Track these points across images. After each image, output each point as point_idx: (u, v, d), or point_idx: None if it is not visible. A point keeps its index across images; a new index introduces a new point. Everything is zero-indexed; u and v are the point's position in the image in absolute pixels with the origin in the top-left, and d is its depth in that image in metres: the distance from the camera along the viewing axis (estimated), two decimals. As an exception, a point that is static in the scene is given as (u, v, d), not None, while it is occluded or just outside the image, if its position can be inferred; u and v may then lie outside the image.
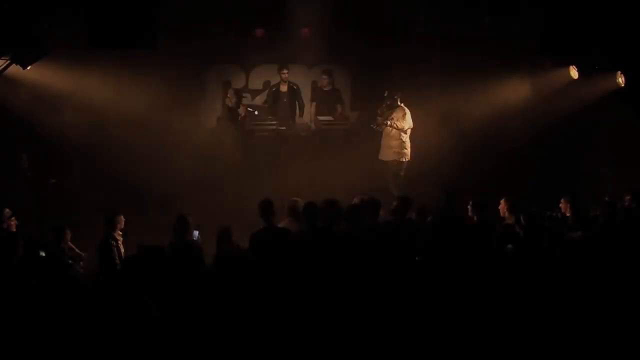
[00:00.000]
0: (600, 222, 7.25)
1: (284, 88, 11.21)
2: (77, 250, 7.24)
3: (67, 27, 9.21)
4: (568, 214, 7.61)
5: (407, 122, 10.24)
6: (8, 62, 9.16)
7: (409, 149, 10.30)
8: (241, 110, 10.79)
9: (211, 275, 5.96)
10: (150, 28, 8.32)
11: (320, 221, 6.55)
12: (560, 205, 7.78)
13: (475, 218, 7.32)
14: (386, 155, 10.38)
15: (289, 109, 11.28)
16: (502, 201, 7.56)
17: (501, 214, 7.55)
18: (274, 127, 11.22)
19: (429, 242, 6.55)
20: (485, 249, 6.50)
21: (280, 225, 6.94)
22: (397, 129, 10.20)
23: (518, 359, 5.25)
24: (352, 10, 10.86)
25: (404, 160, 10.31)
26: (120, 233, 7.24)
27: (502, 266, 6.24)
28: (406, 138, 10.28)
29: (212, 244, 6.71)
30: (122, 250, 7.16)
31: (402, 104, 10.33)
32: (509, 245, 6.64)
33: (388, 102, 10.39)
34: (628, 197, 7.84)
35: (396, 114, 10.26)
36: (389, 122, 10.22)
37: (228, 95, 10.80)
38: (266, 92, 11.63)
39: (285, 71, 11.15)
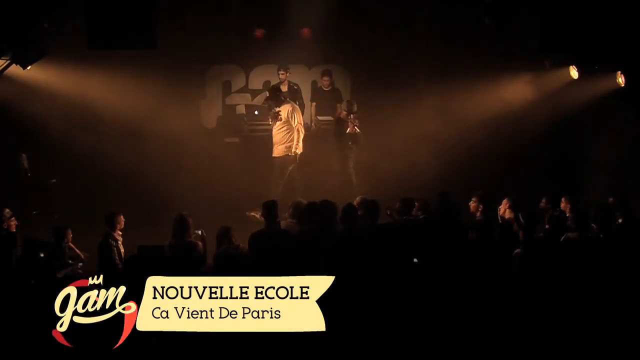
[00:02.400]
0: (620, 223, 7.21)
1: (284, 88, 11.20)
2: (77, 250, 7.23)
3: (67, 27, 9.22)
4: (568, 213, 7.59)
5: (299, 115, 10.06)
6: (8, 62, 9.17)
7: (300, 142, 10.07)
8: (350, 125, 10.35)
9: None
10: (150, 28, 8.31)
11: (318, 222, 6.57)
12: (561, 203, 7.77)
13: (478, 214, 7.30)
14: (277, 151, 10.08)
15: (289, 109, 11.27)
16: (504, 201, 7.53)
17: (501, 213, 7.53)
18: (274, 127, 11.21)
19: (423, 244, 6.52)
20: (484, 248, 6.47)
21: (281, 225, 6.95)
22: (299, 123, 9.99)
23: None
24: (351, 11, 10.87)
25: (296, 152, 10.06)
26: (120, 233, 7.24)
27: (501, 266, 6.22)
28: (299, 131, 10.05)
29: (212, 244, 6.71)
30: (122, 250, 7.16)
31: (287, 99, 10.17)
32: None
33: (274, 95, 10.15)
34: (611, 199, 7.82)
35: (284, 108, 9.99)
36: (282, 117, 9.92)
37: (342, 107, 10.63)
38: (266, 92, 11.61)
39: (285, 71, 11.13)
